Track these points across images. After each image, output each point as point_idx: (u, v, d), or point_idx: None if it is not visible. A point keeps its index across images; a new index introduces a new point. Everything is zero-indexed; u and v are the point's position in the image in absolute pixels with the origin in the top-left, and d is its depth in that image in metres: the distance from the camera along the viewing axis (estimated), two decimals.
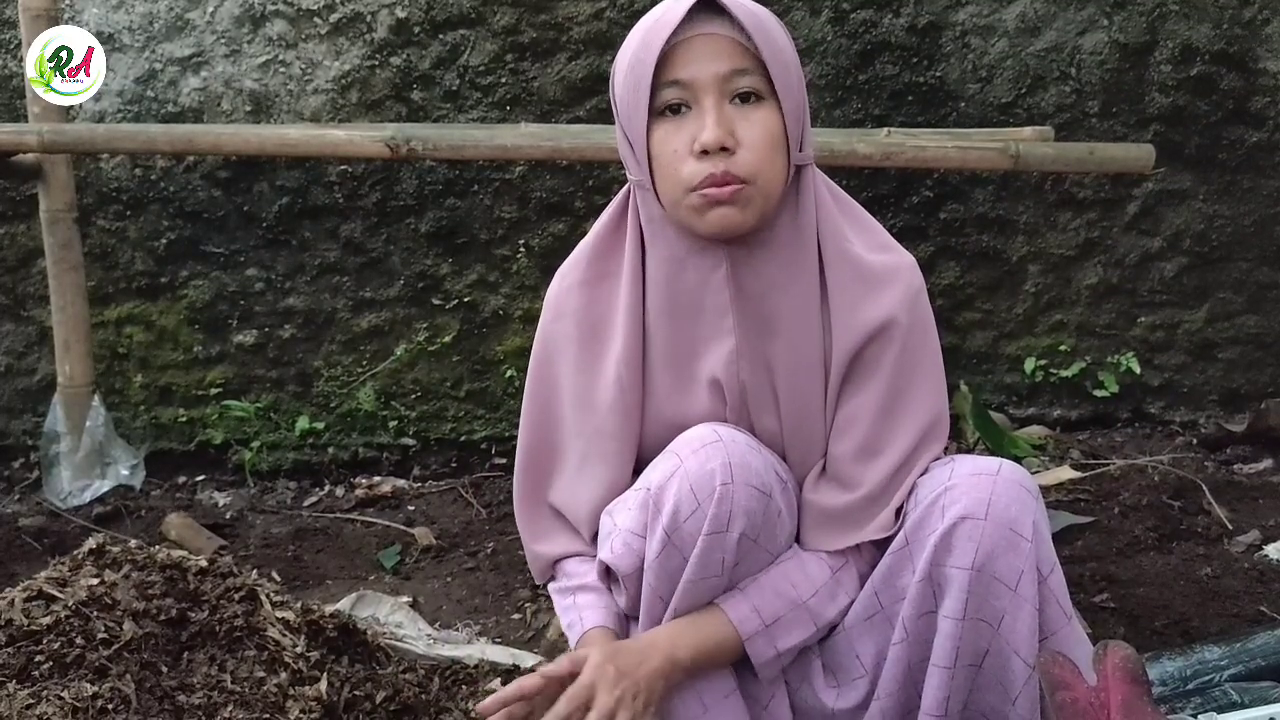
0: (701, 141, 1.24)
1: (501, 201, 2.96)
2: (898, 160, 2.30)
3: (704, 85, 1.24)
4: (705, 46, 1.24)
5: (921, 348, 1.35)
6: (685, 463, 1.26)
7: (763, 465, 1.28)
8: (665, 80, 1.25)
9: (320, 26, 2.89)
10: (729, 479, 1.24)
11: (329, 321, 3.01)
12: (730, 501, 1.24)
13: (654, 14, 1.28)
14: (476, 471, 2.98)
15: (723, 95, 1.25)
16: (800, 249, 1.33)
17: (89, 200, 2.90)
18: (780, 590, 1.31)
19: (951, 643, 1.24)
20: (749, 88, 1.25)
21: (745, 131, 1.25)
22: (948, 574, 1.24)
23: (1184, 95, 2.97)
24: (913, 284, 1.35)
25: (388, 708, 1.61)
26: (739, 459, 1.26)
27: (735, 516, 1.24)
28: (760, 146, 1.25)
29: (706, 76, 1.24)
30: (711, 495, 1.24)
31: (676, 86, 1.25)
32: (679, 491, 1.25)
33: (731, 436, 1.28)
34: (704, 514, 1.24)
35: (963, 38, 2.95)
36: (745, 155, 1.25)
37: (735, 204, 1.26)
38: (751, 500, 1.25)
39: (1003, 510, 1.23)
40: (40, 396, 2.95)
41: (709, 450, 1.26)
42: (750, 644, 1.30)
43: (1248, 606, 2.10)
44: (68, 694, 1.42)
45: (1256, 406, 3.02)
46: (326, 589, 2.28)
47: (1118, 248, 3.07)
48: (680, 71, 1.25)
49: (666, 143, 1.27)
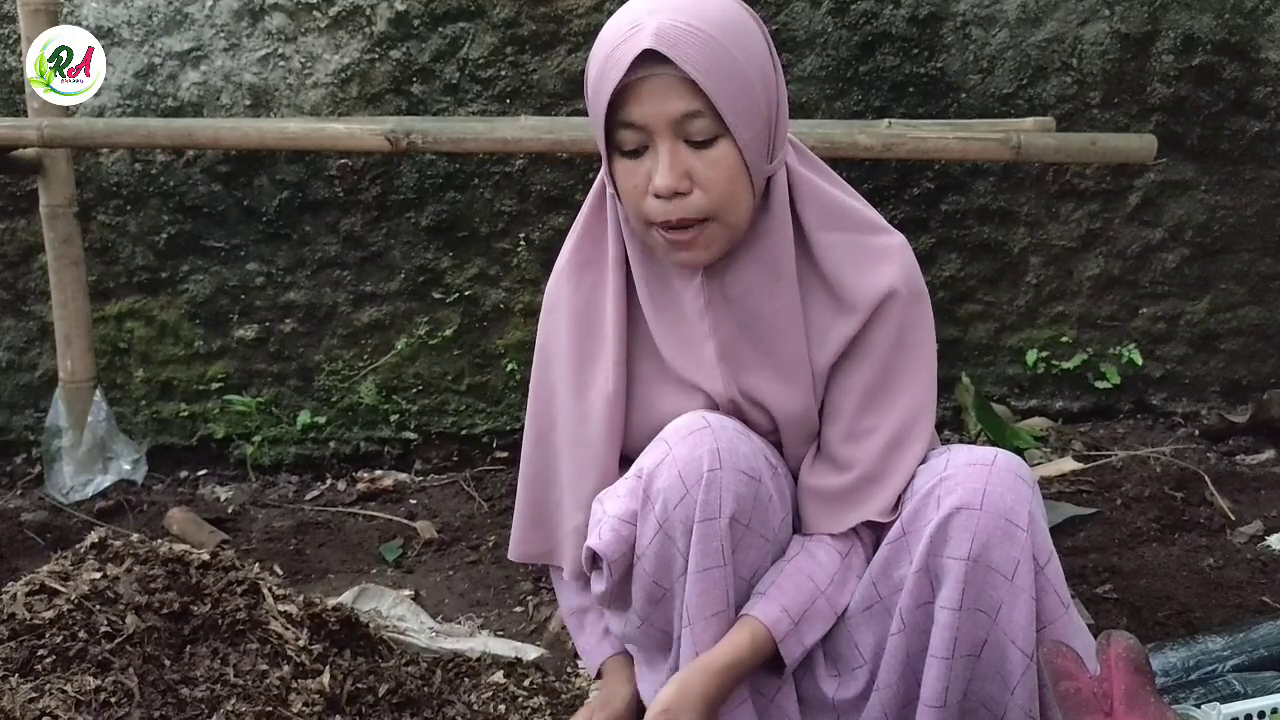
0: (654, 188, 1.24)
1: (502, 195, 2.95)
2: (899, 152, 2.30)
3: (657, 128, 1.23)
4: (653, 87, 1.22)
5: (911, 327, 1.34)
6: (674, 450, 1.26)
7: (751, 450, 1.29)
8: (621, 121, 1.24)
9: (319, 20, 2.88)
10: (717, 465, 1.25)
11: (330, 316, 3.00)
12: (719, 487, 1.24)
13: (610, 40, 1.24)
14: (478, 465, 2.98)
15: (677, 136, 1.24)
16: (777, 248, 1.33)
17: (89, 195, 2.89)
18: (799, 584, 1.31)
19: (949, 633, 1.24)
20: (700, 133, 1.23)
21: (702, 172, 1.24)
22: (944, 564, 1.24)
23: (1186, 85, 2.97)
24: (903, 263, 1.34)
25: (390, 700, 1.61)
26: (727, 444, 1.26)
27: (724, 501, 1.25)
28: (717, 186, 1.25)
29: (658, 119, 1.23)
30: (700, 481, 1.24)
31: (631, 129, 1.25)
32: (668, 478, 1.25)
33: (720, 423, 1.28)
34: (693, 500, 1.24)
35: (963, 28, 2.94)
36: (700, 198, 1.25)
37: (697, 247, 1.27)
38: (740, 485, 1.25)
39: (998, 500, 1.23)
40: (42, 392, 2.95)
41: (697, 437, 1.26)
42: (784, 644, 1.30)
43: (1250, 597, 2.10)
44: (70, 687, 1.42)
45: (1258, 397, 3.02)
46: (329, 583, 2.28)
47: (1119, 239, 3.06)
48: (633, 113, 1.23)
49: (627, 178, 1.28)
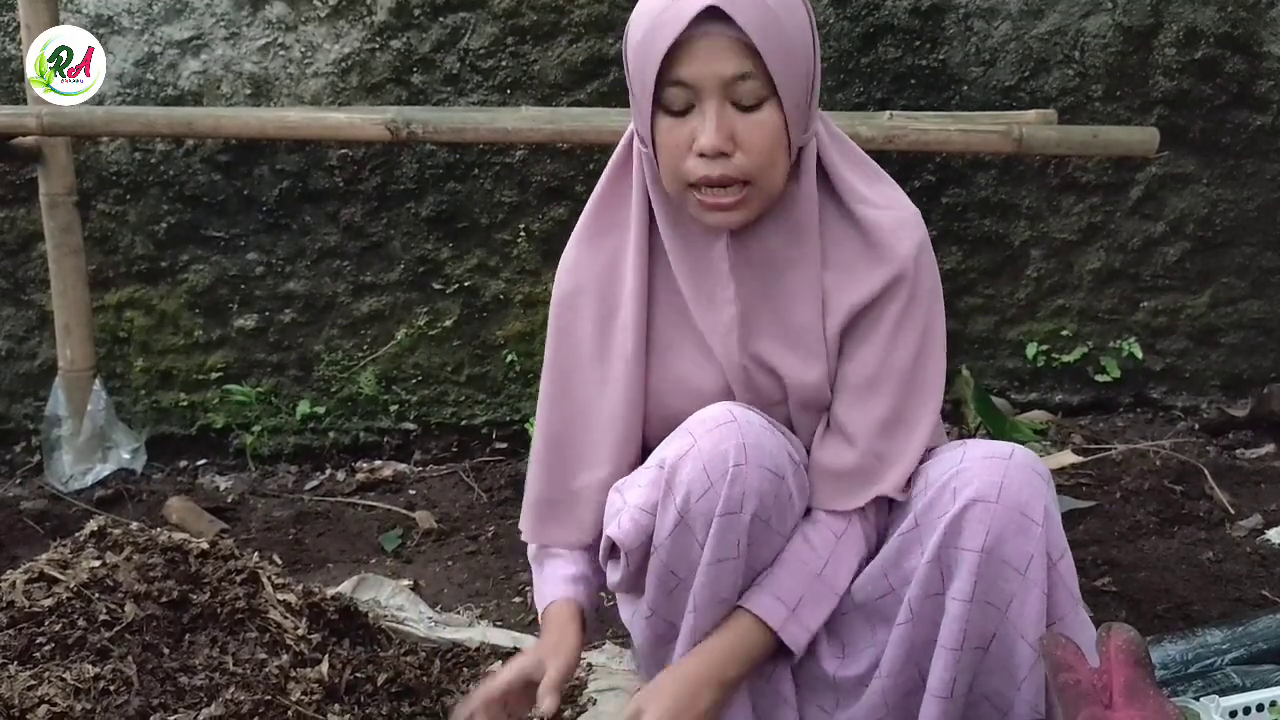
0: (699, 146, 1.25)
1: (502, 185, 2.95)
2: (900, 143, 2.29)
3: (706, 87, 1.24)
4: (709, 47, 1.22)
5: (919, 303, 1.34)
6: (699, 442, 1.26)
7: (776, 446, 1.28)
8: (669, 79, 1.24)
9: (320, 9, 2.87)
10: (742, 460, 1.24)
11: (329, 306, 3.00)
12: (743, 483, 1.24)
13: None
14: (477, 456, 2.97)
15: (724, 98, 1.24)
16: (802, 217, 1.34)
17: (89, 184, 2.89)
18: (793, 571, 1.31)
19: (959, 624, 1.24)
20: (749, 95, 1.24)
21: (745, 134, 1.25)
22: (957, 556, 1.24)
23: (1188, 79, 2.96)
24: (916, 239, 1.34)
25: (389, 690, 1.61)
26: (753, 440, 1.25)
27: (748, 497, 1.24)
28: (760, 150, 1.26)
29: (709, 79, 1.23)
30: (725, 476, 1.24)
31: (680, 87, 1.25)
32: (692, 471, 1.25)
33: (747, 417, 1.28)
34: (716, 494, 1.24)
35: (965, 20, 2.93)
36: (744, 159, 1.25)
37: (735, 209, 1.28)
38: (764, 482, 1.25)
39: (1015, 494, 1.23)
40: (41, 381, 2.95)
41: (723, 430, 1.26)
42: (784, 632, 1.31)
43: (1249, 590, 2.10)
44: (69, 675, 1.42)
45: (1259, 391, 3.02)
46: (328, 572, 2.28)
47: (1120, 232, 3.06)
48: (683, 71, 1.24)
49: (669, 135, 1.28)
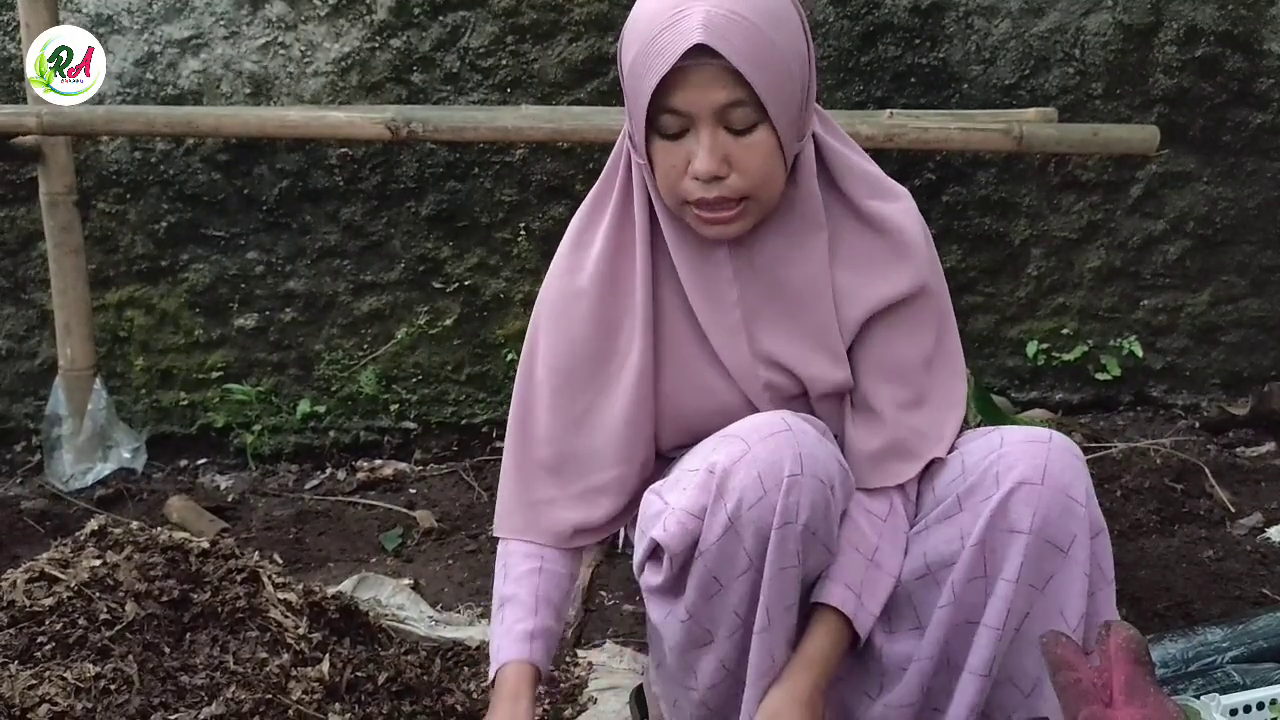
0: (694, 171, 1.27)
1: (502, 184, 2.95)
2: (900, 142, 2.29)
3: (699, 115, 1.25)
4: (700, 76, 1.24)
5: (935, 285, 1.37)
6: (753, 449, 1.25)
7: (827, 456, 1.29)
8: (663, 106, 1.26)
9: (319, 8, 2.87)
10: (798, 470, 1.24)
11: (330, 305, 3.00)
12: (799, 492, 1.24)
13: (654, 22, 1.24)
14: (478, 455, 2.97)
15: (717, 123, 1.26)
16: (805, 216, 1.35)
17: (89, 183, 2.89)
18: (851, 560, 1.33)
19: (1004, 604, 1.26)
20: (741, 121, 1.26)
21: (740, 156, 1.27)
22: (1005, 538, 1.26)
23: (1188, 77, 2.96)
24: (922, 224, 1.37)
25: (389, 689, 1.61)
26: (808, 450, 1.26)
27: (802, 508, 1.25)
28: (755, 170, 1.28)
29: (702, 107, 1.25)
30: (779, 485, 1.24)
31: (673, 114, 1.26)
32: (745, 478, 1.24)
33: (800, 426, 1.28)
34: (770, 503, 1.24)
35: (966, 19, 2.93)
36: (739, 179, 1.27)
37: (733, 222, 1.30)
38: (817, 493, 1.26)
39: (1059, 476, 1.27)
40: (42, 380, 2.95)
41: (779, 439, 1.26)
42: (856, 620, 1.32)
43: (1250, 589, 2.10)
44: (70, 674, 1.42)
45: (1259, 390, 3.02)
46: (328, 571, 2.28)
47: (1121, 230, 3.06)
48: (676, 100, 1.25)
49: (665, 156, 1.29)
